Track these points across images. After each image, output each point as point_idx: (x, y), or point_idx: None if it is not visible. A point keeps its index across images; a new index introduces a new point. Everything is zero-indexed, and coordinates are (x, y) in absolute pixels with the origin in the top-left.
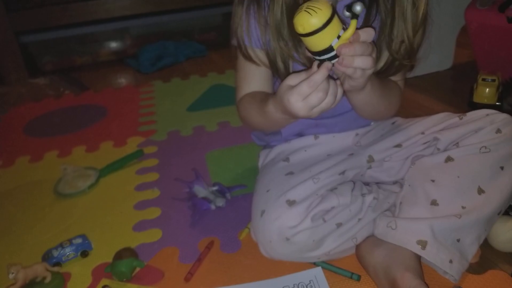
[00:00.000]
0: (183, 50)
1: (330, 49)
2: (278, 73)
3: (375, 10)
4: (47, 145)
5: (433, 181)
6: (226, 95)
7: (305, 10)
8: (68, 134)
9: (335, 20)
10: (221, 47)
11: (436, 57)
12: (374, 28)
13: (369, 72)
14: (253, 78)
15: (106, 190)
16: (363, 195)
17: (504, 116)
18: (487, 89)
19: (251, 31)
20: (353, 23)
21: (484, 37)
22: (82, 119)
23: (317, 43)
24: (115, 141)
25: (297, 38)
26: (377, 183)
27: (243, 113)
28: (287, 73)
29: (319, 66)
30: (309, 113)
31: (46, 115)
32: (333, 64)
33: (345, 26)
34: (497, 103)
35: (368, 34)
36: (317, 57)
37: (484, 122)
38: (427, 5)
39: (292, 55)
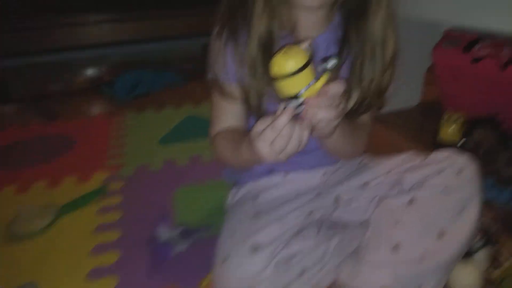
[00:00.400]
0: (160, 79)
1: (298, 96)
2: (252, 110)
3: (347, 50)
4: (5, 179)
5: (397, 223)
6: (200, 128)
7: (282, 54)
8: (29, 167)
9: (308, 69)
10: (199, 77)
11: (404, 94)
12: (345, 80)
13: (335, 123)
14: (228, 113)
15: (64, 231)
16: (328, 238)
17: (465, 158)
18: (452, 127)
19: (227, 66)
20: (324, 77)
21: (450, 76)
22: (47, 150)
23: (287, 88)
24: (79, 175)
25: (271, 76)
26: (343, 223)
27: (218, 149)
28: (260, 110)
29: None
30: (277, 157)
31: (9, 146)
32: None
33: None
34: (461, 141)
35: (337, 88)
36: (286, 103)
37: (446, 163)
38: (395, 46)
39: (266, 92)
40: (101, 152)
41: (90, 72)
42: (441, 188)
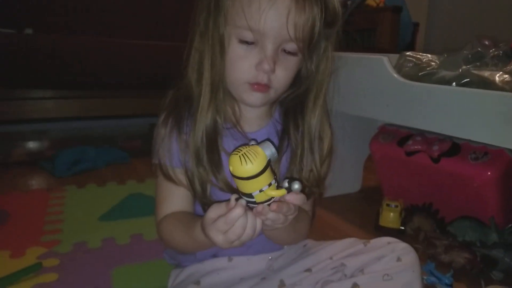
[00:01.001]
0: (103, 156)
1: (250, 196)
2: (196, 195)
3: (287, 141)
4: None
5: None
6: (143, 205)
7: (240, 156)
8: None
9: (264, 176)
10: (145, 155)
11: (346, 180)
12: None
13: (281, 226)
14: (174, 197)
15: None
16: None
17: (404, 245)
18: (391, 214)
19: (172, 152)
20: (282, 192)
21: (386, 167)
22: None
23: (240, 186)
24: (12, 250)
25: (215, 164)
26: None
27: (165, 235)
28: (205, 196)
29: (237, 199)
30: (231, 245)
31: None
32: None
33: (275, 177)
34: (401, 227)
35: (294, 201)
36: (239, 195)
37: (386, 250)
38: (331, 140)
39: (210, 180)
40: (36, 227)
41: (30, 145)
42: (382, 275)
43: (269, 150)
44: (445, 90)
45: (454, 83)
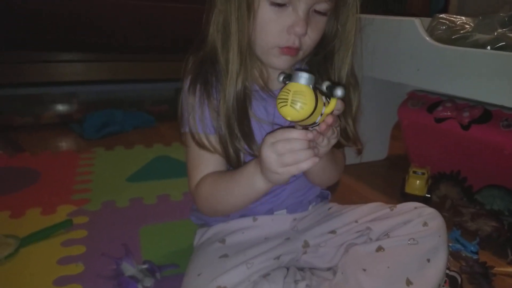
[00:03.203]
0: (130, 120)
1: (314, 123)
2: (231, 162)
3: None
4: None
5: (364, 270)
6: (169, 168)
7: (291, 105)
8: None
9: (318, 103)
10: (171, 119)
11: (372, 148)
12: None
13: (334, 141)
14: (208, 163)
15: (25, 262)
16: (296, 281)
17: (430, 210)
18: (418, 181)
19: (205, 119)
20: (334, 102)
21: (414, 133)
22: (12, 182)
23: (306, 122)
24: (43, 208)
25: (246, 133)
26: (311, 268)
27: (205, 194)
28: (239, 163)
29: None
30: (284, 173)
31: None
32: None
33: (325, 97)
34: (426, 195)
35: (339, 107)
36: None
37: (412, 215)
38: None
39: (243, 148)
40: (67, 186)
41: (60, 108)
42: (407, 239)
43: (305, 79)
44: (479, 54)
45: (488, 47)
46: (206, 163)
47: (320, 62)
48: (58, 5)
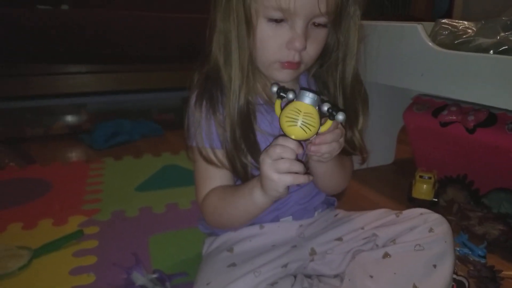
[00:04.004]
0: (138, 129)
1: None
2: (239, 176)
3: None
4: None
5: (371, 276)
6: (178, 176)
7: (301, 127)
8: (5, 208)
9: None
10: (178, 128)
11: (379, 152)
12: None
13: (335, 153)
14: (216, 177)
15: (38, 273)
16: None
17: (436, 216)
18: (424, 185)
19: (212, 134)
20: (329, 123)
21: (420, 138)
22: (24, 193)
23: (300, 138)
24: (55, 219)
25: (252, 147)
26: (318, 276)
27: (211, 207)
28: (246, 176)
29: None
30: (277, 176)
31: None
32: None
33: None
34: (434, 199)
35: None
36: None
37: (418, 221)
38: (367, 106)
39: (249, 162)
40: (77, 197)
41: (69, 119)
42: (414, 245)
43: (309, 99)
44: (482, 58)
45: (491, 51)
46: (213, 177)
47: (324, 73)
48: (65, 18)
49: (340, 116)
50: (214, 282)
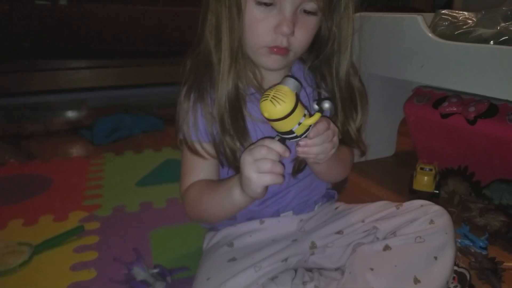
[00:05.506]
0: (139, 123)
1: (291, 132)
2: (228, 162)
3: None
4: None
5: (372, 269)
6: (178, 171)
7: (271, 100)
8: (6, 205)
9: (298, 109)
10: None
11: (379, 144)
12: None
13: (330, 153)
14: (200, 169)
15: (39, 269)
16: (304, 283)
17: (437, 207)
18: (425, 177)
19: (197, 126)
20: (317, 115)
21: (421, 129)
22: (24, 189)
23: (279, 127)
24: (56, 215)
25: (241, 132)
26: (319, 269)
27: (191, 200)
28: (236, 162)
29: (280, 140)
30: (260, 180)
31: None
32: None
33: (307, 110)
34: (435, 191)
35: (327, 124)
36: (280, 135)
37: (418, 213)
38: (363, 97)
39: (238, 148)
40: (78, 192)
41: (69, 114)
42: (414, 237)
43: (292, 84)
44: (483, 49)
45: (492, 42)
46: (198, 169)
47: (320, 65)
48: (64, 13)
49: (326, 104)
50: (214, 277)
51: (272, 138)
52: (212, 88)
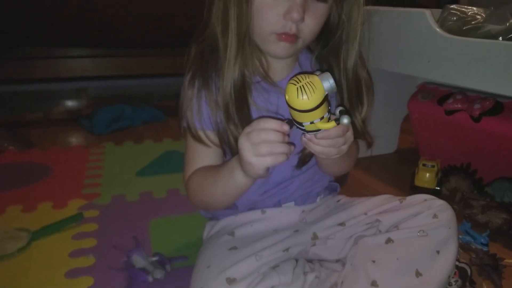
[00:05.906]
0: (140, 114)
1: (301, 124)
2: (231, 150)
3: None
4: None
5: (374, 261)
6: (179, 162)
7: (299, 88)
8: (4, 191)
9: (318, 109)
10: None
11: (382, 141)
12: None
13: (333, 157)
14: (204, 157)
15: (37, 255)
16: (305, 273)
17: (441, 202)
18: (427, 174)
19: (201, 114)
20: (332, 124)
21: (424, 126)
22: (23, 177)
23: (293, 113)
24: (55, 202)
25: (245, 120)
26: (320, 260)
27: (194, 186)
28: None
29: (288, 122)
30: (260, 162)
31: None
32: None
33: (329, 109)
34: (436, 188)
35: (340, 131)
36: (291, 119)
37: (422, 207)
38: (370, 88)
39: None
40: (77, 181)
41: (69, 103)
42: (417, 230)
43: (327, 83)
44: (491, 45)
45: (500, 38)
46: (201, 156)
47: (328, 54)
48: (66, 1)
49: (345, 120)
50: (215, 264)
51: (267, 117)
52: (217, 76)
